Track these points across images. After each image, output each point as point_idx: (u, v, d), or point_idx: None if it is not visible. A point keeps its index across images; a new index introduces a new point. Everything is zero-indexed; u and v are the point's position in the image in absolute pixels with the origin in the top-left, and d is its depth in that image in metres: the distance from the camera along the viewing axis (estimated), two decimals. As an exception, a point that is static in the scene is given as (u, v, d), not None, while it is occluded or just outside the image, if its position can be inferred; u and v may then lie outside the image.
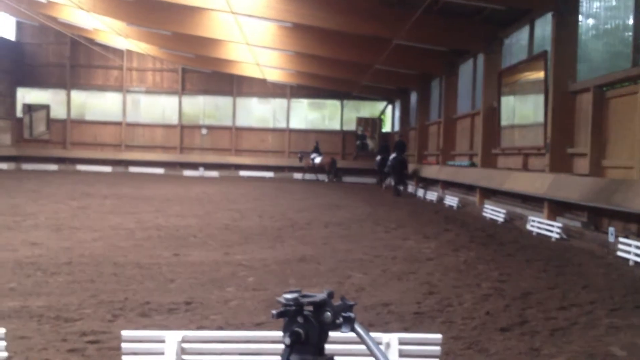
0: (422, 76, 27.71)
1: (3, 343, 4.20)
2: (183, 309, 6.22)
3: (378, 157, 30.29)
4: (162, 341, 4.15)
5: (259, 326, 5.65)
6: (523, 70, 16.92)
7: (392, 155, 26.42)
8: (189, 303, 6.42)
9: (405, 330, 5.58)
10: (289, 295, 1.63)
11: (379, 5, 18.98)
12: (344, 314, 1.63)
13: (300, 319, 1.62)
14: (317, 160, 34.82)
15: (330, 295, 1.65)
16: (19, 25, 38.84)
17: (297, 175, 37.08)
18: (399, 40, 19.34)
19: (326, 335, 1.63)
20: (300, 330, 1.60)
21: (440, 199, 21.44)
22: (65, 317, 5.72)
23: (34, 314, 5.79)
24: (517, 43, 18.26)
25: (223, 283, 7.49)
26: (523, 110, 17.30)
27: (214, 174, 37.00)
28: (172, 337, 4.16)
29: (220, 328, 5.52)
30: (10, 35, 38.85)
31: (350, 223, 14.29)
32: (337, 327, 1.63)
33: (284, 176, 37.33)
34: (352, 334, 1.65)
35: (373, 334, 1.77)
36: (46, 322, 5.58)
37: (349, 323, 1.62)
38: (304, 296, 1.63)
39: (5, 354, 4.24)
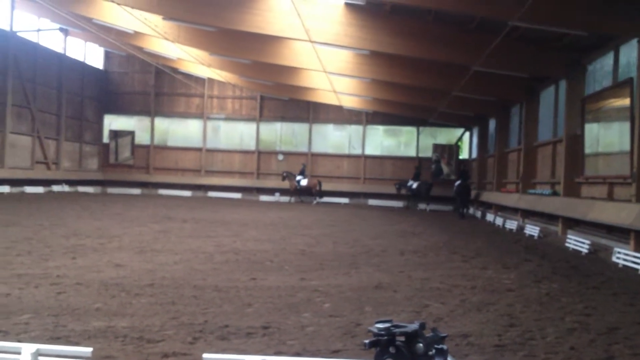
0: (501, 103, 27.25)
1: (90, 361, 4.33)
2: (260, 333, 6.26)
3: (410, 183, 34.46)
4: (242, 365, 4.18)
5: (335, 353, 5.62)
6: (608, 97, 16.36)
7: (457, 182, 29.71)
8: (266, 327, 6.46)
9: (486, 363, 5.43)
10: (381, 325, 1.61)
11: (457, 32, 18.88)
12: (436, 346, 1.60)
13: (392, 349, 1.59)
14: (304, 182, 35.78)
15: (422, 326, 1.62)
16: (107, 55, 40.87)
17: (373, 202, 37.02)
18: (478, 67, 19.12)
19: None
20: None
21: (521, 228, 20.85)
22: (148, 338, 5.87)
23: (118, 334, 5.96)
24: (601, 69, 17.70)
25: (299, 308, 7.49)
26: (608, 138, 16.69)
27: (289, 199, 37.41)
28: (252, 362, 4.19)
29: (298, 354, 5.52)
30: (99, 64, 40.84)
31: (426, 251, 14.08)
32: (429, 359, 1.59)
33: (359, 202, 37.32)
34: None
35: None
36: (130, 342, 5.74)
37: (442, 355, 1.59)
38: (396, 326, 1.60)
39: (91, 372, 4.36)
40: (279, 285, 8.91)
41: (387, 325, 1.60)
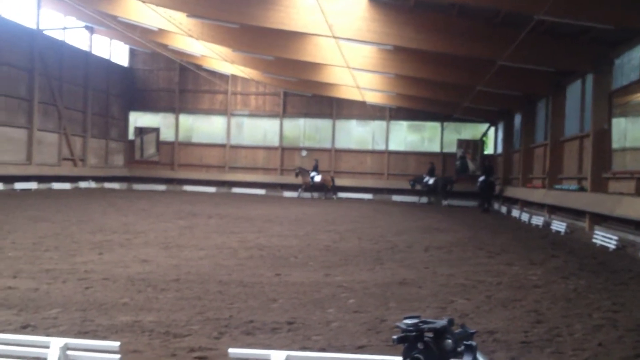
0: (526, 97, 26.99)
1: (117, 356, 4.37)
2: (286, 328, 6.28)
3: (427, 179, 34.58)
4: (268, 360, 4.20)
5: (360, 349, 5.62)
6: (635, 91, 16.11)
7: (481, 178, 30.49)
8: (291, 323, 6.48)
9: (513, 360, 5.39)
10: (409, 321, 1.60)
11: (482, 27, 18.71)
12: (465, 342, 1.59)
13: (420, 345, 1.58)
14: (317, 178, 35.99)
15: (451, 322, 1.61)
16: (132, 52, 41.27)
17: (397, 198, 36.87)
18: (503, 61, 18.93)
19: None
20: (421, 357, 1.57)
21: (547, 224, 20.63)
22: (175, 333, 5.92)
23: (145, 329, 6.02)
24: (629, 63, 17.40)
25: (324, 304, 7.50)
26: (636, 132, 16.44)
27: (313, 194, 37.43)
28: (277, 357, 4.20)
29: (323, 349, 5.52)
30: (124, 61, 41.23)
31: (451, 247, 13.99)
32: (458, 355, 1.58)
33: (383, 198, 37.22)
34: None
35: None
36: (156, 337, 5.79)
37: (471, 352, 1.58)
38: (424, 322, 1.60)
39: (119, 367, 4.41)
40: (303, 281, 8.93)
41: (415, 321, 1.59)
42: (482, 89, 24.15)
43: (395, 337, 1.60)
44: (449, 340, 1.58)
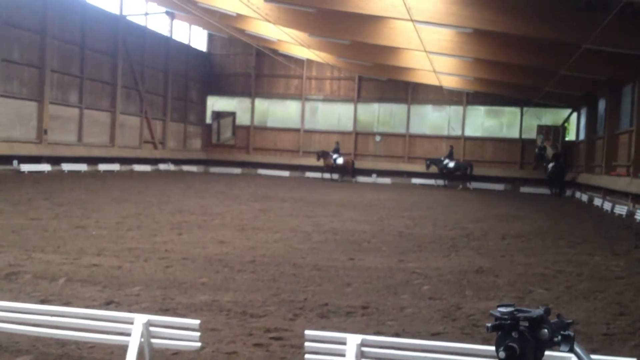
0: (611, 82, 25.83)
1: (197, 334, 4.48)
2: (360, 312, 6.29)
3: (446, 161, 34.82)
4: (343, 343, 4.20)
5: (435, 336, 5.55)
6: None
7: (552, 164, 31.72)
8: (365, 307, 6.48)
9: (594, 352, 5.19)
10: (504, 309, 1.55)
11: (566, 9, 18.02)
12: (562, 332, 1.53)
13: (514, 334, 1.53)
14: (339, 160, 35.94)
15: (547, 311, 1.55)
16: (210, 38, 42.03)
17: (472, 184, 36.15)
18: (588, 45, 18.16)
19: (542, 353, 1.54)
20: (516, 346, 1.52)
21: (631, 214, 19.78)
22: (251, 313, 6.03)
23: (223, 308, 6.17)
24: None
25: (398, 290, 7.46)
26: None
27: (386, 180, 37.20)
28: (353, 340, 4.20)
29: (397, 335, 5.49)
30: (202, 46, 42.02)
31: (529, 235, 13.63)
32: (554, 345, 1.52)
33: (458, 184, 36.59)
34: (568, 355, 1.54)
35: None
36: (234, 316, 5.92)
37: (568, 342, 1.52)
38: (520, 310, 1.55)
39: (198, 344, 4.52)
40: (377, 266, 8.91)
41: (510, 309, 1.54)
42: (565, 73, 23.29)
43: (489, 325, 1.56)
44: (546, 330, 1.53)
